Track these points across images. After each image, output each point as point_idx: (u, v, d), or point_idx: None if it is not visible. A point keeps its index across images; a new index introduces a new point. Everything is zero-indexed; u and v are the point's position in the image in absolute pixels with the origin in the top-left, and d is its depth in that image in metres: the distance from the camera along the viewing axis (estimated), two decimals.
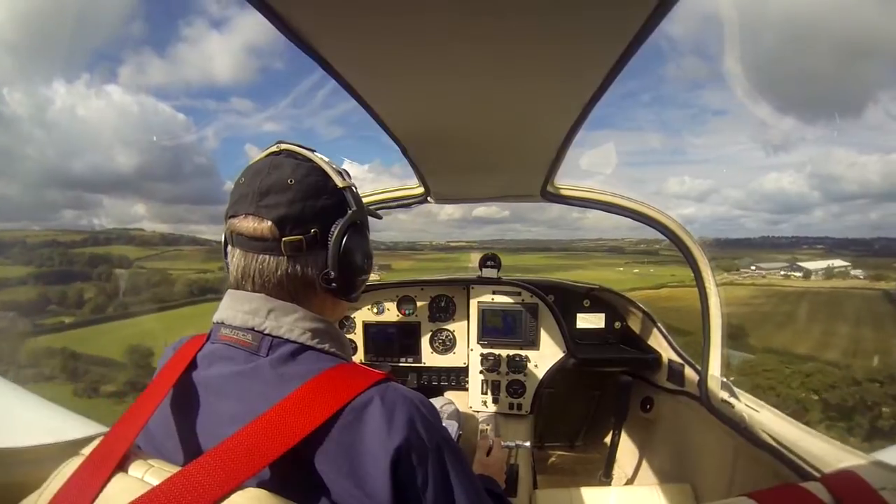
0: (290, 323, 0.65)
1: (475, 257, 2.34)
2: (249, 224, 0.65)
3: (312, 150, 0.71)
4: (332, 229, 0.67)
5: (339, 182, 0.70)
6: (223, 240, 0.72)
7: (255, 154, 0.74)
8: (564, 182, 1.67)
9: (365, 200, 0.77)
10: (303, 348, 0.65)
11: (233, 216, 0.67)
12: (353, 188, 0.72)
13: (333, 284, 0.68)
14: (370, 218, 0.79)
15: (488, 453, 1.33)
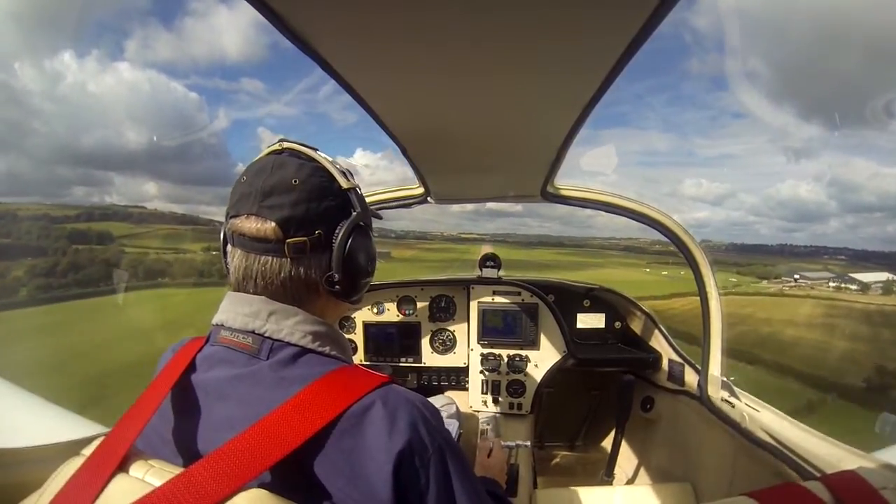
0: (291, 326, 0.65)
1: (487, 249, 2.33)
2: (252, 225, 0.64)
3: (315, 150, 0.70)
4: (337, 231, 0.67)
5: (343, 183, 0.69)
6: (222, 239, 0.71)
7: (268, 138, 0.72)
8: (570, 181, 1.67)
9: (366, 199, 0.77)
10: (303, 351, 0.64)
11: (234, 216, 0.66)
12: (358, 189, 0.72)
13: (337, 287, 0.68)
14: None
15: (489, 455, 1.33)
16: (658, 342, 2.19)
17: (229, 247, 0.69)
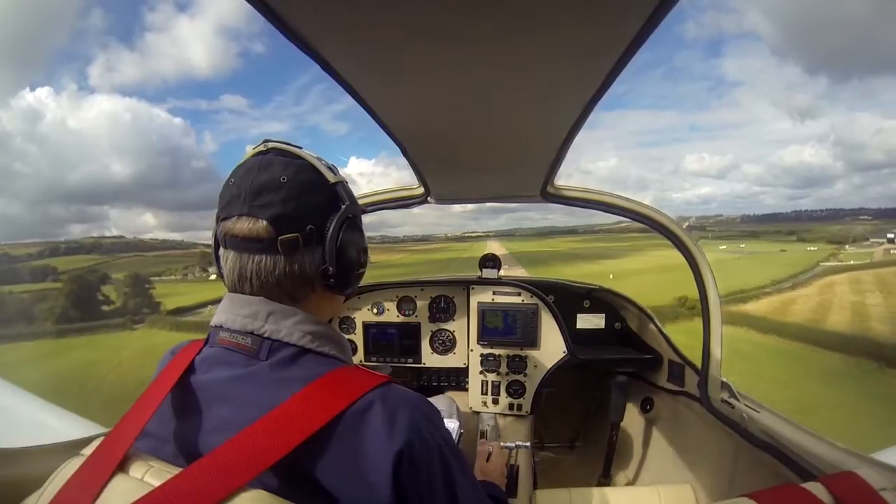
0: (290, 326, 0.65)
1: (493, 245, 2.33)
2: (244, 225, 0.64)
3: (300, 148, 0.71)
4: (328, 225, 0.67)
5: (330, 177, 0.69)
6: (213, 242, 0.71)
7: None
8: (570, 178, 1.67)
9: (365, 201, 0.77)
10: (302, 352, 0.64)
11: (225, 218, 0.66)
12: (345, 183, 0.72)
13: (332, 280, 0.68)
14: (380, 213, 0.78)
15: (488, 459, 1.33)
16: (658, 342, 2.19)
17: (221, 249, 0.69)
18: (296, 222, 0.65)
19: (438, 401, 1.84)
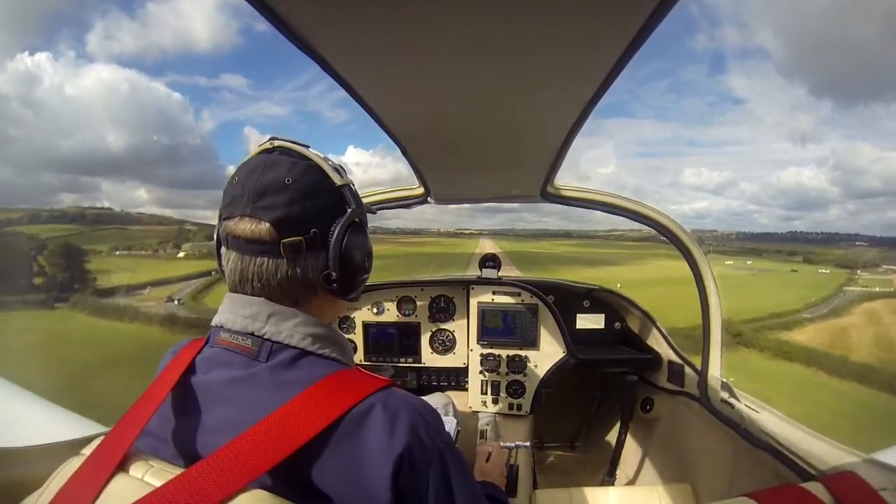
0: (291, 328, 0.64)
1: (486, 244, 2.33)
2: (246, 226, 0.63)
3: (307, 147, 0.69)
4: (333, 229, 0.66)
5: (336, 180, 0.68)
6: (215, 241, 0.70)
7: (255, 137, 0.72)
8: (569, 179, 1.67)
9: (365, 201, 0.76)
10: (303, 354, 0.64)
11: (227, 218, 0.65)
12: (352, 185, 0.71)
13: (335, 285, 0.67)
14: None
15: (487, 459, 1.33)
16: (657, 343, 2.19)
17: (223, 249, 0.68)
18: (299, 225, 0.63)
19: (434, 398, 1.84)
